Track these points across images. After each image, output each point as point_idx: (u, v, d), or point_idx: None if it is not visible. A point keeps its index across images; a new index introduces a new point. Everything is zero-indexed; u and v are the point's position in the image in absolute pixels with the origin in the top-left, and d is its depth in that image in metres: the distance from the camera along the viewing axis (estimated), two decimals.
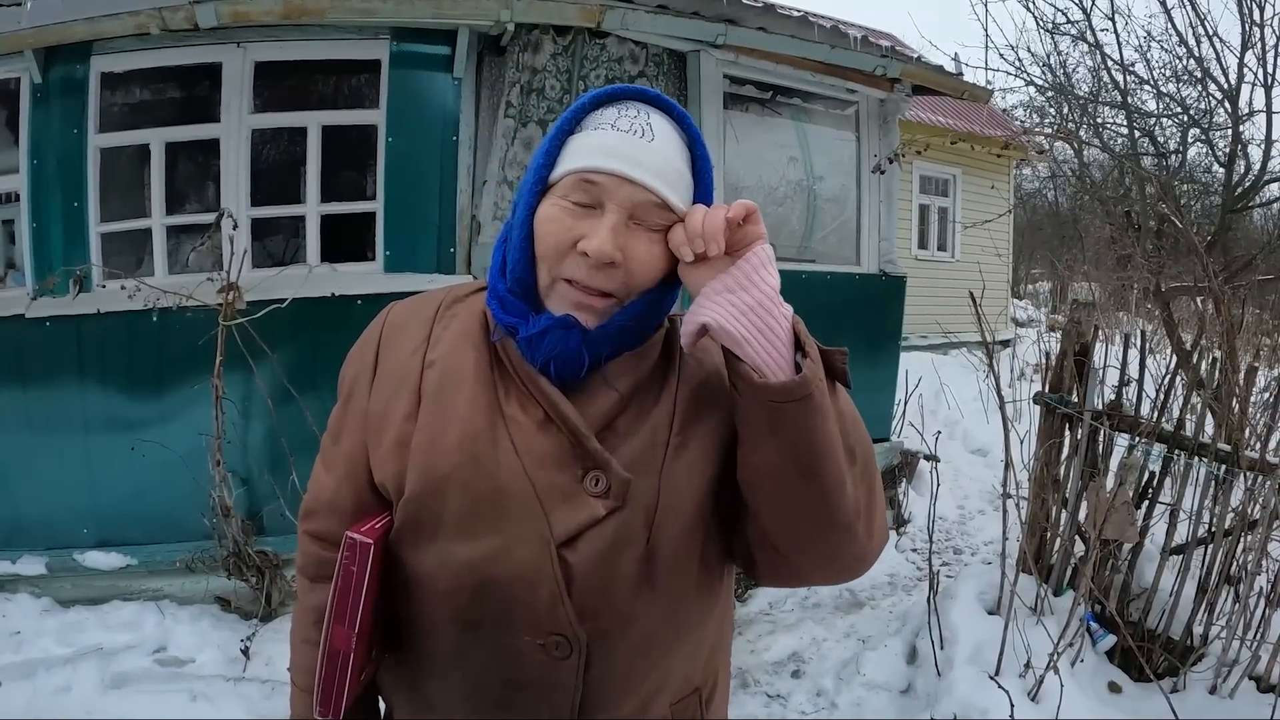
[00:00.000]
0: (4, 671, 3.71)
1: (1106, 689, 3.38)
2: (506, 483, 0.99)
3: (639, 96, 1.06)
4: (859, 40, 5.16)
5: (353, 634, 0.98)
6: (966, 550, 5.65)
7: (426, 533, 1.02)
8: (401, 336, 1.12)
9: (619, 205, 0.99)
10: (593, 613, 0.98)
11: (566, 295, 1.01)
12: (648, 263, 1.01)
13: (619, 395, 1.04)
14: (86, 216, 4.30)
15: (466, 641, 1.02)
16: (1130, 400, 3.78)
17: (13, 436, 4.29)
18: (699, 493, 1.04)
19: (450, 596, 1.01)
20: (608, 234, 0.97)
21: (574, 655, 0.98)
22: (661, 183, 1.00)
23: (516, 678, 1.01)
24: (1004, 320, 13.03)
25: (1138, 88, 8.20)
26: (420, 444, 1.03)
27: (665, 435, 1.04)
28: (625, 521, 0.99)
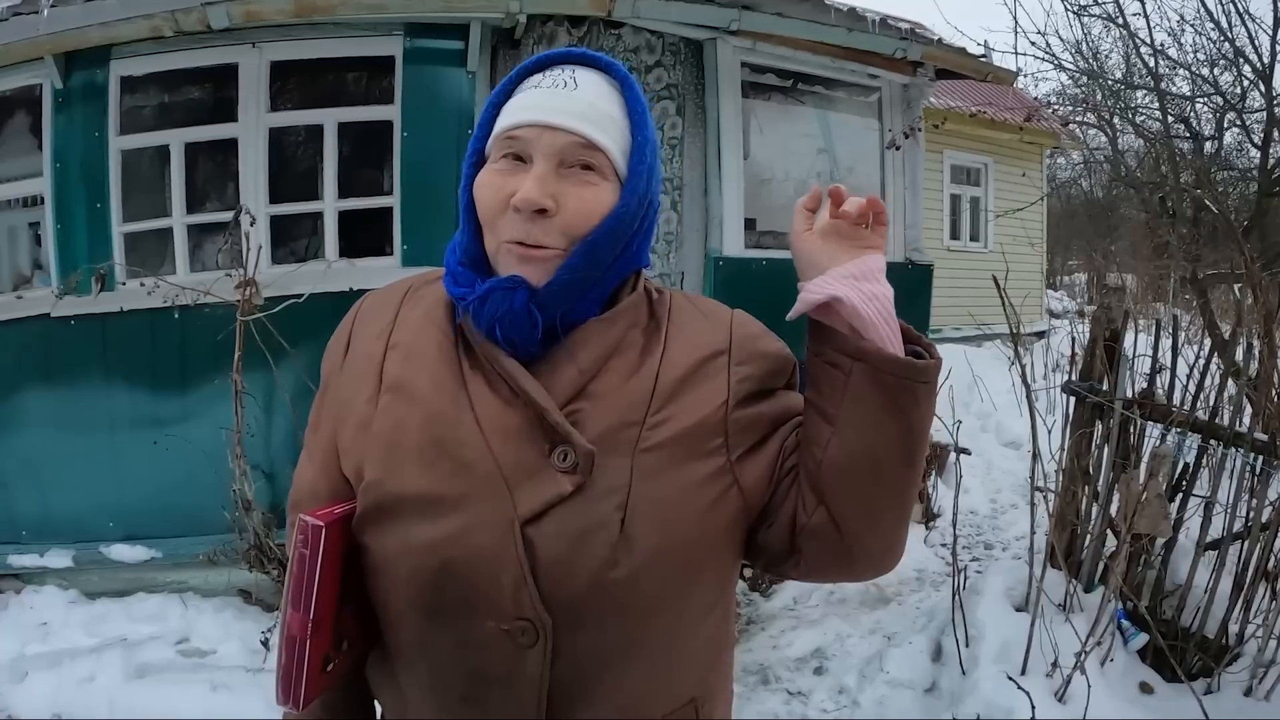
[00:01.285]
0: (31, 661, 3.80)
1: (1137, 689, 3.27)
2: (470, 460, 0.95)
3: (565, 59, 1.05)
4: (877, 23, 5.09)
5: (308, 619, 0.94)
6: (998, 545, 5.55)
7: (388, 516, 0.98)
8: (369, 322, 1.10)
9: (543, 154, 0.97)
10: (560, 598, 0.93)
11: (511, 254, 0.98)
12: (583, 206, 0.98)
13: (581, 366, 0.99)
14: (109, 217, 4.38)
15: (431, 630, 0.98)
16: (1163, 388, 3.67)
17: (40, 433, 4.37)
18: (683, 479, 0.98)
19: (412, 581, 0.96)
20: (534, 183, 0.95)
21: (540, 642, 0.93)
22: (584, 123, 0.98)
23: (482, 668, 0.96)
24: (1039, 311, 12.82)
25: (1170, 71, 8.01)
26: (382, 427, 1.00)
27: (641, 413, 0.98)
28: (594, 500, 0.94)
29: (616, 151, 1.00)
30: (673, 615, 1.00)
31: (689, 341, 1.05)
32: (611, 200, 1.00)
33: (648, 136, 1.03)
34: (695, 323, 1.08)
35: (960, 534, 4.09)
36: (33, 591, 4.35)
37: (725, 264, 5.05)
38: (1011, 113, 10.17)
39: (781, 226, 5.52)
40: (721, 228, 5.06)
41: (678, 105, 5.10)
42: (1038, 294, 13.13)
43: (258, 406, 4.22)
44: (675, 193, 5.17)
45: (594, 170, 0.99)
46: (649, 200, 1.04)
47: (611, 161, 1.00)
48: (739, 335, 1.08)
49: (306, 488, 1.12)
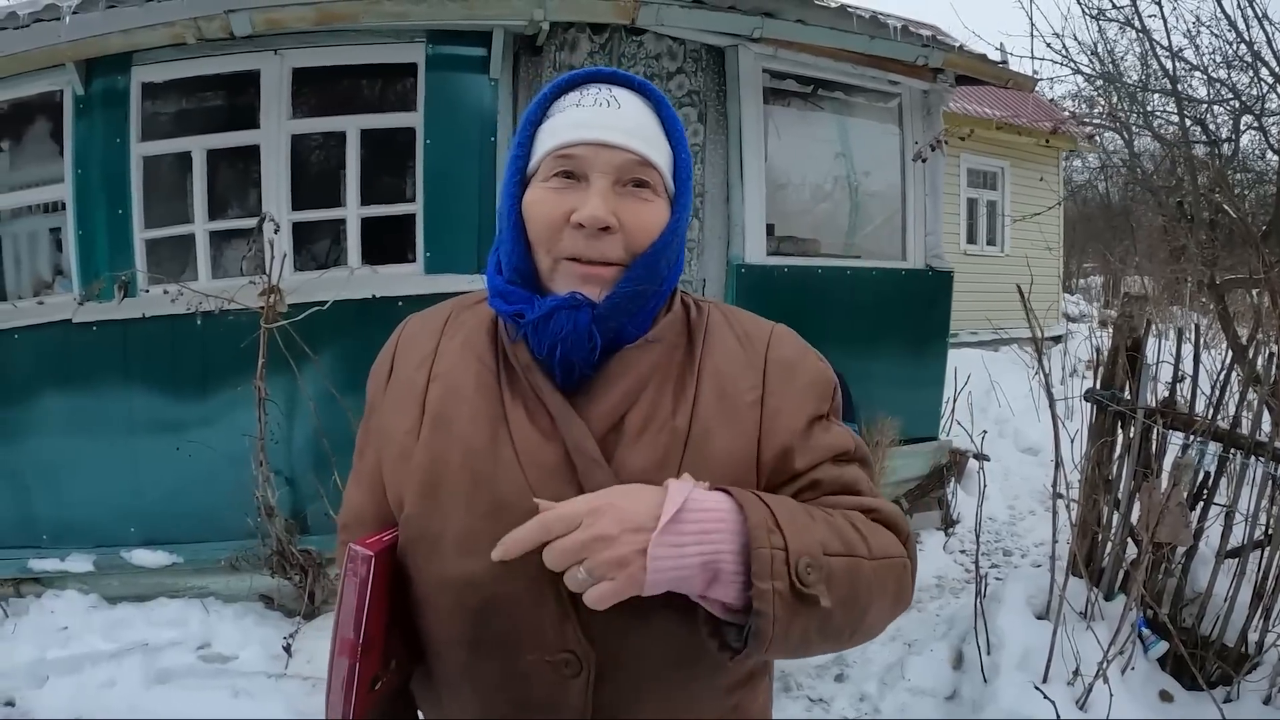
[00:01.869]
0: (51, 666, 3.81)
1: (1158, 698, 3.26)
2: (508, 497, 0.95)
3: (596, 77, 1.06)
4: (899, 30, 5.08)
5: (357, 644, 0.96)
6: (1016, 552, 5.53)
7: (428, 551, 0.99)
8: (411, 349, 1.11)
9: (602, 171, 0.98)
10: (601, 631, 0.94)
11: (571, 272, 0.99)
12: (643, 221, 0.99)
13: (619, 395, 1.00)
14: (131, 223, 4.39)
15: (474, 661, 0.99)
16: (1184, 397, 3.65)
17: (61, 438, 4.39)
18: None
19: (454, 616, 0.98)
20: (598, 200, 0.96)
21: (583, 673, 0.94)
22: (637, 140, 0.99)
23: (525, 698, 0.97)
24: (1055, 315, 12.77)
25: (1187, 74, 7.96)
26: (421, 462, 1.01)
27: (677, 456, 0.98)
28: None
29: (666, 169, 1.02)
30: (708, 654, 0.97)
31: (723, 374, 1.04)
32: (665, 216, 1.02)
33: (688, 154, 1.06)
34: (730, 350, 1.06)
35: (979, 541, 4.08)
36: (53, 596, 4.36)
37: (748, 271, 5.05)
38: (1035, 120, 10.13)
39: (799, 232, 5.51)
40: (743, 234, 5.06)
41: (699, 112, 5.10)
42: (1055, 298, 13.08)
43: (280, 413, 4.24)
44: (697, 200, 5.16)
45: (649, 187, 1.00)
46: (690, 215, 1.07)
47: (663, 179, 1.02)
48: (774, 367, 1.06)
49: (354, 511, 1.14)
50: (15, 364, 4.41)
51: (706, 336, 1.07)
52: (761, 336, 1.09)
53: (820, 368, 1.10)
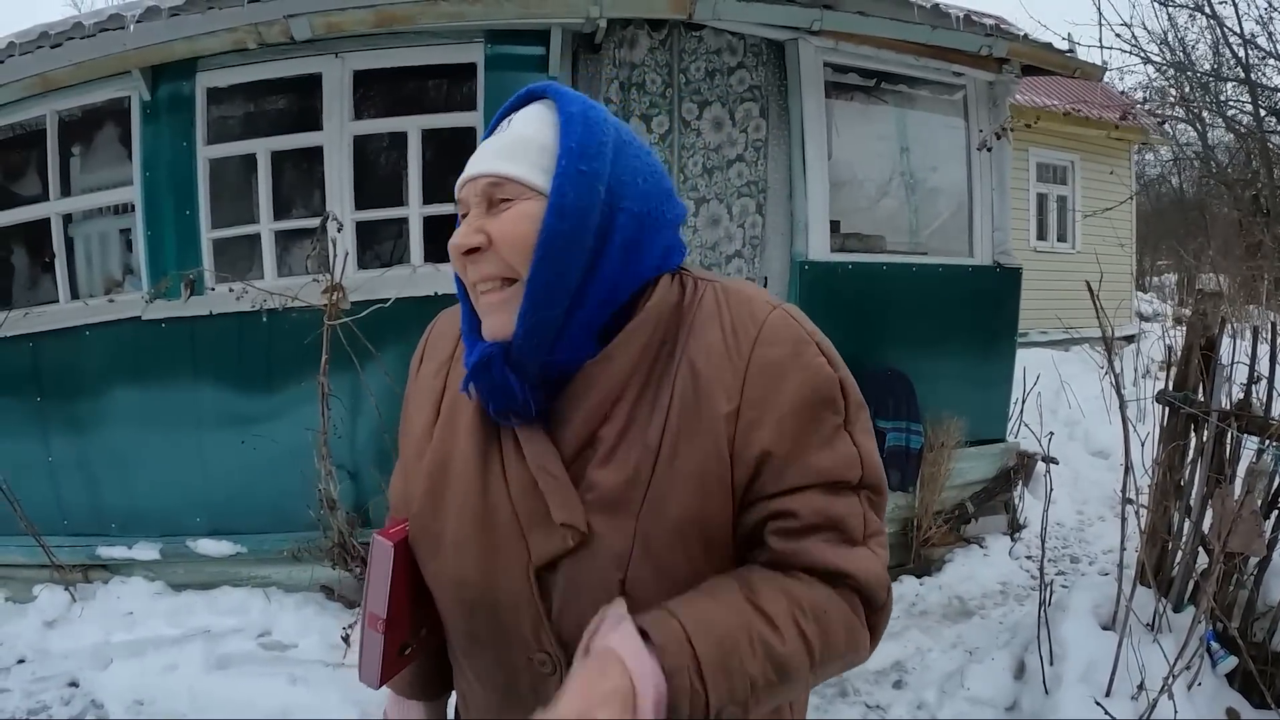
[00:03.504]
0: (116, 649, 3.96)
1: (1225, 715, 3.13)
2: (496, 507, 0.99)
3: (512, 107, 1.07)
4: (961, 19, 4.96)
5: (380, 619, 1.07)
6: (1084, 559, 5.39)
7: (430, 549, 1.05)
8: (436, 349, 1.16)
9: (474, 202, 0.99)
10: (574, 638, 0.93)
11: (480, 304, 1.00)
12: (504, 230, 0.96)
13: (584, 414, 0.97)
14: (198, 224, 4.51)
15: (472, 649, 1.07)
16: (1260, 399, 3.51)
17: (131, 430, 4.53)
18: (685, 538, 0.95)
19: (453, 609, 1.06)
20: (462, 228, 0.99)
21: (558, 673, 0.98)
22: (498, 160, 0.98)
23: (514, 686, 1.03)
24: (1127, 314, 12.42)
25: (1260, 62, 7.68)
26: (429, 467, 1.05)
27: (649, 468, 0.94)
28: (597, 558, 0.94)
29: (533, 172, 0.97)
30: None
31: (700, 376, 0.96)
32: (534, 219, 0.95)
33: (574, 139, 0.97)
34: (712, 345, 0.97)
35: (1046, 546, 3.97)
36: (120, 582, 4.51)
37: (811, 268, 4.98)
38: (1103, 110, 9.86)
39: (864, 229, 5.43)
40: (807, 231, 4.99)
41: (761, 107, 5.05)
42: (1127, 296, 12.73)
43: (343, 408, 4.32)
44: (760, 195, 5.11)
45: (510, 200, 0.97)
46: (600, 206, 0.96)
47: (528, 185, 0.96)
48: (756, 369, 0.96)
49: (398, 494, 1.17)
50: (87, 359, 4.56)
51: (690, 331, 0.99)
52: (749, 330, 0.97)
53: (818, 366, 0.97)
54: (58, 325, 4.60)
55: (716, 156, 5.01)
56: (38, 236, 4.87)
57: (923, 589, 4.85)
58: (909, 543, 5.17)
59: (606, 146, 0.98)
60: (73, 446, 4.61)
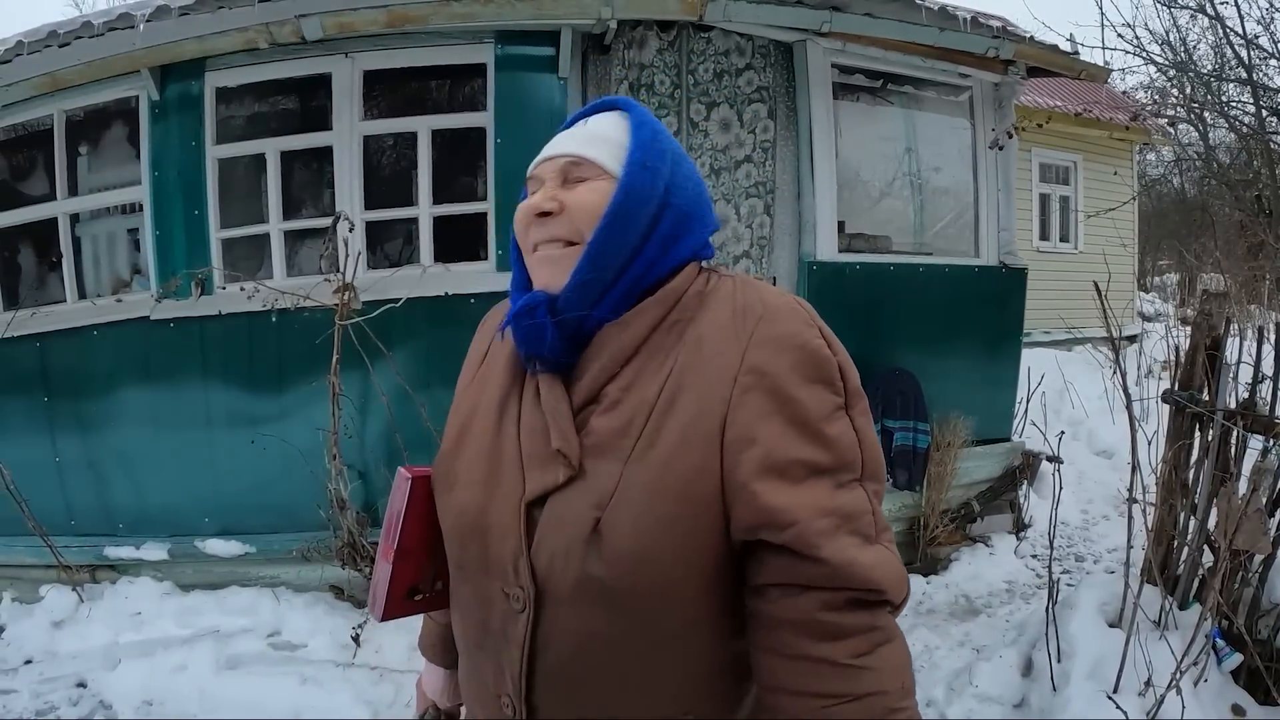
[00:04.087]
0: (125, 649, 3.95)
1: (1230, 712, 3.14)
2: (505, 447, 1.10)
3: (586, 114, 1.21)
4: (968, 21, 4.98)
5: (391, 550, 1.17)
6: (1089, 557, 5.40)
7: (446, 483, 1.17)
8: (484, 332, 1.31)
9: (549, 176, 1.13)
10: (546, 575, 1.03)
11: (534, 258, 1.13)
12: (579, 199, 1.09)
13: (597, 371, 1.07)
14: (207, 223, 4.50)
15: (460, 580, 1.15)
16: (1265, 399, 3.52)
17: (140, 430, 4.53)
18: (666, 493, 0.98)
19: (451, 537, 1.16)
20: (539, 194, 1.11)
21: (527, 609, 1.04)
22: (578, 144, 1.13)
23: (487, 621, 1.10)
24: (1130, 314, 12.43)
25: (1263, 62, 7.69)
26: (459, 415, 1.22)
27: (644, 420, 1.02)
28: (581, 495, 1.01)
29: (609, 159, 1.11)
30: (649, 622, 1.02)
31: (703, 345, 1.03)
32: (605, 194, 1.09)
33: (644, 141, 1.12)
34: (720, 320, 1.04)
35: (1053, 545, 3.98)
36: (128, 582, 4.49)
37: (819, 268, 5.00)
38: (1110, 112, 9.86)
39: (870, 229, 5.44)
40: (815, 231, 5.01)
41: (769, 108, 5.06)
42: (1130, 296, 12.74)
43: (353, 408, 4.31)
44: (768, 196, 5.12)
45: (587, 179, 1.11)
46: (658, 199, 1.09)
47: (604, 168, 1.11)
48: (758, 342, 1.00)
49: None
50: (95, 359, 4.55)
51: (704, 309, 1.07)
52: (756, 309, 1.04)
53: (816, 347, 1.01)
54: (65, 325, 4.60)
55: (724, 157, 5.02)
56: (45, 236, 4.86)
57: (929, 588, 4.86)
58: (915, 542, 5.18)
59: (668, 154, 1.13)
60: (80, 446, 4.60)
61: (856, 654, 0.94)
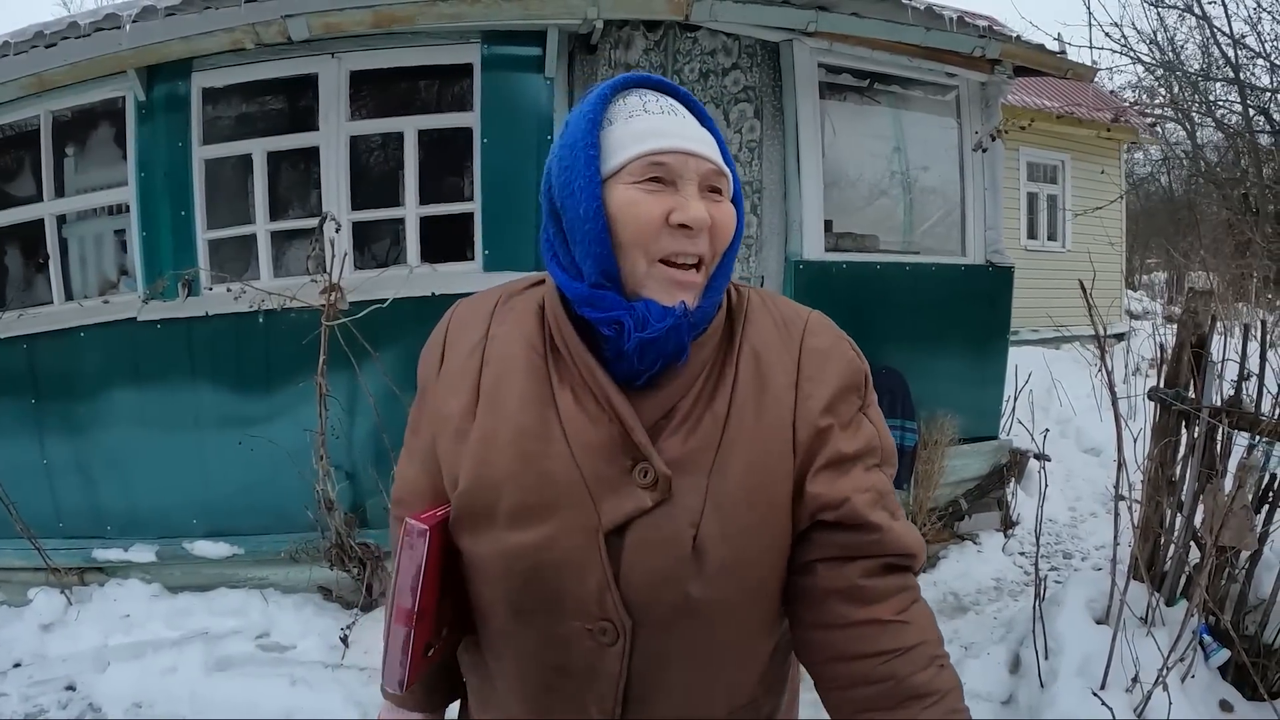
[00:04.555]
0: (114, 652, 3.94)
1: (1218, 707, 3.16)
2: (556, 473, 1.01)
3: (646, 83, 1.10)
4: (955, 20, 4.99)
5: (411, 612, 1.03)
6: (1077, 554, 5.42)
7: (481, 523, 1.05)
8: (463, 335, 1.16)
9: (688, 179, 1.03)
10: (638, 602, 1.00)
11: (664, 276, 1.02)
12: (726, 220, 1.05)
13: (671, 389, 1.05)
14: (194, 224, 4.50)
15: (517, 625, 1.06)
16: (1250, 396, 3.54)
17: (128, 432, 4.52)
18: (752, 500, 1.03)
19: (503, 582, 1.05)
20: (700, 203, 1.02)
21: (620, 641, 1.01)
22: (713, 150, 1.05)
23: (563, 663, 1.04)
24: (1118, 312, 12.47)
25: (1249, 62, 7.73)
26: (475, 441, 1.06)
27: (719, 433, 1.03)
28: (671, 516, 1.00)
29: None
30: (739, 622, 1.06)
31: (761, 358, 1.08)
32: (735, 219, 1.08)
33: (727, 155, 1.09)
34: (768, 334, 1.11)
35: (1040, 541, 3.99)
36: (117, 584, 4.49)
37: (806, 267, 5.01)
38: (1094, 111, 9.90)
39: (857, 228, 5.45)
40: (801, 230, 5.02)
41: (755, 108, 5.07)
42: (1117, 295, 12.78)
43: (340, 409, 4.31)
44: (755, 196, 5.14)
45: (722, 193, 1.06)
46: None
47: (730, 186, 1.08)
48: (808, 353, 1.09)
49: (409, 485, 1.21)
50: (82, 361, 4.54)
51: (746, 322, 1.11)
52: (798, 323, 1.12)
53: (851, 359, 1.13)
54: (52, 327, 4.58)
55: None
56: (32, 237, 4.84)
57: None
58: None
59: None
60: (68, 448, 4.59)
61: (898, 611, 1.01)
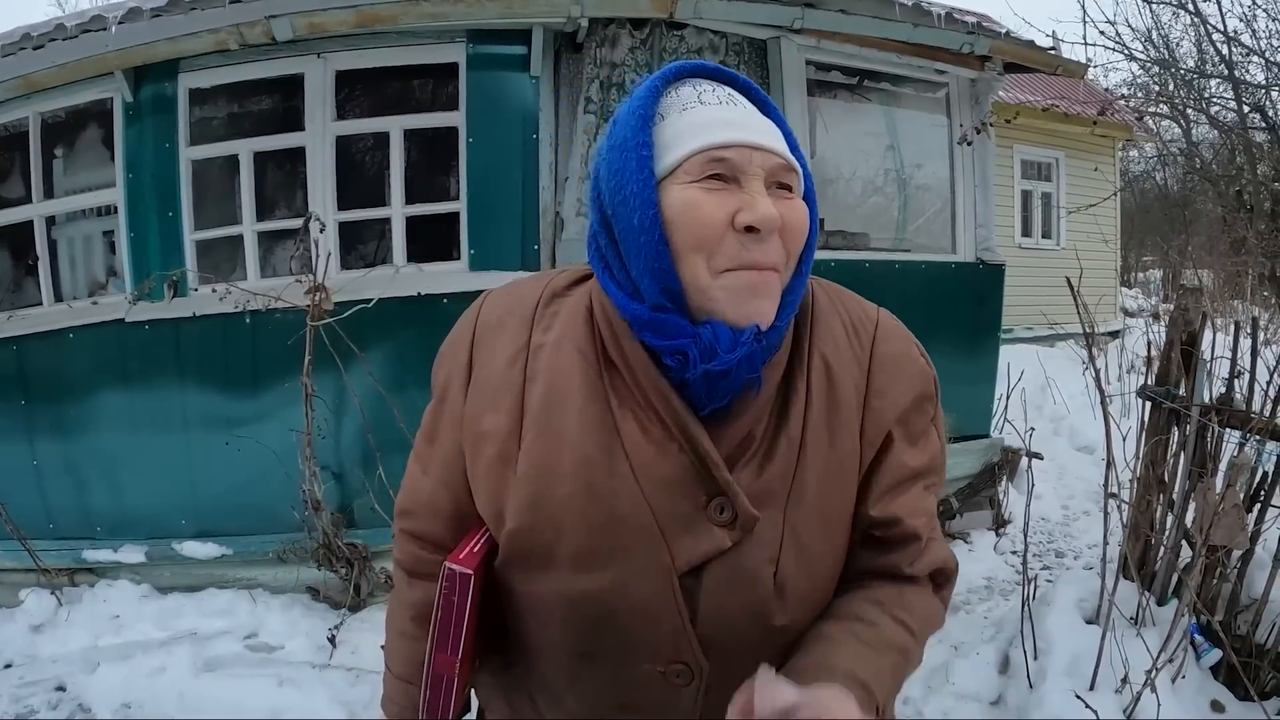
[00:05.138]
0: (103, 653, 3.95)
1: (1209, 708, 3.15)
2: (624, 511, 0.92)
3: (702, 72, 0.99)
4: (943, 17, 4.98)
5: (456, 660, 0.97)
6: (1069, 553, 5.41)
7: (538, 564, 0.96)
8: (498, 338, 1.02)
9: (753, 175, 0.90)
10: (716, 642, 0.94)
11: (738, 283, 0.89)
12: (799, 220, 0.93)
13: (749, 415, 0.95)
14: (181, 225, 4.50)
15: (582, 668, 0.99)
16: (1242, 393, 3.53)
17: (116, 433, 4.52)
18: (827, 526, 0.98)
19: (566, 626, 0.97)
20: (767, 201, 0.89)
21: (695, 681, 0.96)
22: (780, 143, 0.93)
23: (634, 704, 0.98)
24: (1113, 310, 12.47)
25: (1244, 59, 7.73)
26: (528, 472, 0.95)
27: (794, 460, 0.95)
28: (750, 554, 0.93)
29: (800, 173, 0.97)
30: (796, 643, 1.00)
31: (831, 370, 0.99)
32: (808, 218, 0.96)
33: (796, 148, 0.97)
34: (838, 340, 1.01)
35: (1031, 541, 3.98)
36: (106, 585, 4.49)
37: None
38: (1084, 106, 9.91)
39: (850, 226, 5.45)
40: None
41: None
42: (1112, 292, 12.78)
43: (327, 409, 4.30)
44: None
45: (792, 189, 0.94)
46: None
47: (801, 182, 0.96)
48: (879, 360, 1.01)
49: (423, 500, 1.10)
50: (71, 362, 4.54)
51: (814, 324, 1.01)
52: (868, 327, 1.04)
53: (922, 366, 1.05)
54: (42, 328, 4.58)
55: None
56: (21, 239, 4.85)
57: None
58: None
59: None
60: (58, 450, 4.59)
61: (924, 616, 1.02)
